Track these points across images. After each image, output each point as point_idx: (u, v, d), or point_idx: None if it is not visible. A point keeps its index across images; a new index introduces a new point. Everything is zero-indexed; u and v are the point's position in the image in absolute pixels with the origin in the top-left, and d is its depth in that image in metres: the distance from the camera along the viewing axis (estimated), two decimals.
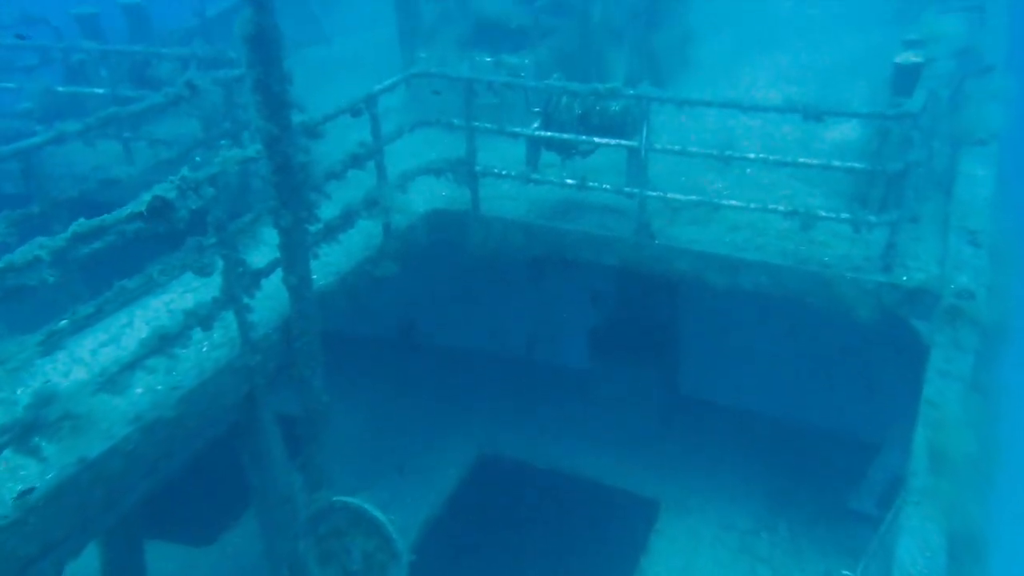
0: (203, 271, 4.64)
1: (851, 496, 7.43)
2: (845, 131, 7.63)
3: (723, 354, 8.40)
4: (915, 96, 5.42)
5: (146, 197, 4.15)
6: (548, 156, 6.77)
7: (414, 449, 8.65)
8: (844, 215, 5.71)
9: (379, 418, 9.04)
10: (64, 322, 4.08)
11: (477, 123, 6.45)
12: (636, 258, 6.43)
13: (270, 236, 5.14)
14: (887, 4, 11.61)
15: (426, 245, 6.81)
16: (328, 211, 5.57)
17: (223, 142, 6.77)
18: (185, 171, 4.44)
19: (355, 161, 5.80)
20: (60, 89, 7.47)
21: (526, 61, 8.35)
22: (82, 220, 3.89)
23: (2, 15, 8.19)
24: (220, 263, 4.78)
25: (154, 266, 4.46)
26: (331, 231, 5.59)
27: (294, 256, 5.05)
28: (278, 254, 5.07)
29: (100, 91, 7.16)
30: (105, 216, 4.01)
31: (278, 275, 5.15)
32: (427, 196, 7.02)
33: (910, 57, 6.01)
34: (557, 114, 6.54)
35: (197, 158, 7.10)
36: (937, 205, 6.48)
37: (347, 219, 5.76)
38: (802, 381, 8.07)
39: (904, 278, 5.71)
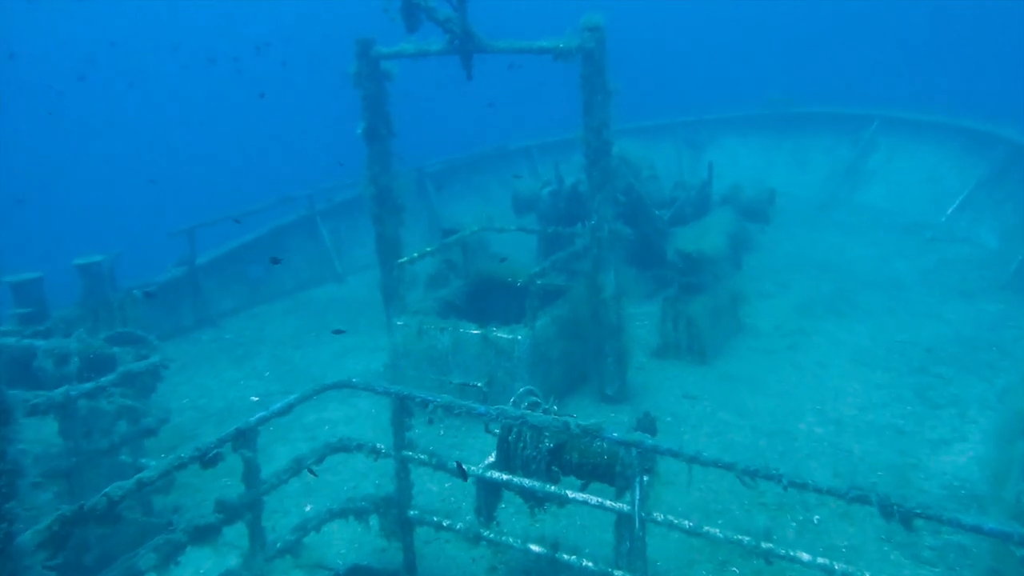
0: None
1: None
2: (960, 461, 5.29)
3: None
4: None
5: None
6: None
7: None
8: None
9: None
10: None
11: (409, 452, 4.57)
12: None
13: None
14: (1000, 263, 9.33)
15: None
16: None
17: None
18: None
19: (197, 535, 3.93)
20: None
21: (519, 337, 6.57)
22: None
23: None
24: None
25: None
26: None
27: None
28: None
29: None
30: None
31: None
32: (348, 538, 5.03)
33: None
34: (519, 445, 4.57)
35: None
36: None
37: None
38: None
39: None
